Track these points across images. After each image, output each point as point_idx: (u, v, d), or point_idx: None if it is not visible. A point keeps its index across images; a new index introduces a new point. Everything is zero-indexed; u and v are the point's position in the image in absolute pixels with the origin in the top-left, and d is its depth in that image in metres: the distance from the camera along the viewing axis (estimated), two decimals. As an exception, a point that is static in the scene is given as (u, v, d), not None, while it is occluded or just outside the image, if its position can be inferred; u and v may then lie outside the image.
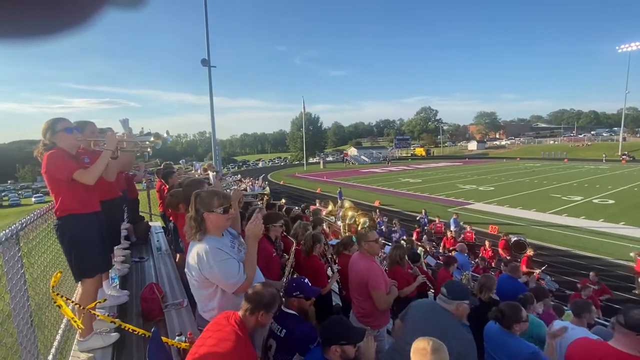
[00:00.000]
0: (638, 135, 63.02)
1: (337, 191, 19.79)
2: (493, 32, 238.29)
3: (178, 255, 4.56)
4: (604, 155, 45.23)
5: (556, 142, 65.05)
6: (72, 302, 2.30)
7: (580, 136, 66.53)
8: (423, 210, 14.69)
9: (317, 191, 26.14)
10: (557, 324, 2.58)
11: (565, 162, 44.10)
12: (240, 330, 1.77)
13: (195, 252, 2.05)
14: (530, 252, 9.17)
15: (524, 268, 8.40)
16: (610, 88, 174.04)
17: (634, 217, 15.41)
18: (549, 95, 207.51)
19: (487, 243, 10.16)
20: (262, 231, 2.30)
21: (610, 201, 19.19)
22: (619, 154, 46.21)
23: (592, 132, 71.56)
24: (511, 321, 2.52)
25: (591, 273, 8.15)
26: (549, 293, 4.47)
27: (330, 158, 68.22)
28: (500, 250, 10.22)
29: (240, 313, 1.86)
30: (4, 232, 1.67)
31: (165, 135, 3.44)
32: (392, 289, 3.17)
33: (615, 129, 66.11)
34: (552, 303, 4.58)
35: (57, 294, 2.10)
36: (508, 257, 9.59)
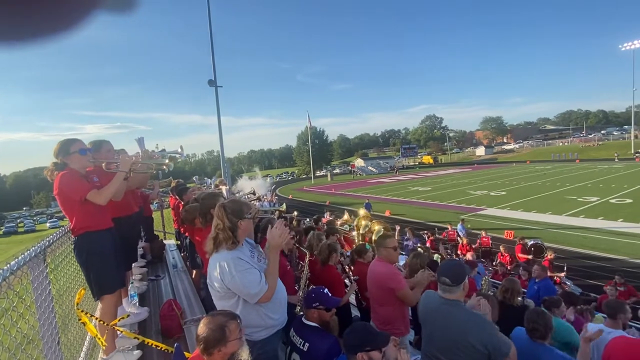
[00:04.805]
0: (650, 132, 61.72)
1: (364, 203, 19.32)
2: (494, 38, 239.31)
3: (194, 272, 4.56)
4: (616, 155, 44.34)
5: (566, 144, 64.03)
6: (97, 318, 2.30)
7: (590, 136, 65.36)
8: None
9: (327, 203, 26.07)
10: (591, 327, 2.47)
11: (577, 163, 43.27)
12: None
13: (217, 263, 2.05)
14: (550, 255, 8.92)
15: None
16: (617, 86, 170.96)
17: (654, 216, 14.94)
18: (556, 96, 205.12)
19: (502, 248, 9.93)
20: (285, 241, 2.25)
21: (628, 200, 18.67)
22: (632, 152, 45.26)
23: (602, 132, 70.24)
24: (546, 331, 2.44)
25: (616, 275, 7.85)
26: (580, 299, 4.31)
27: (337, 170, 68.25)
28: (517, 255, 9.97)
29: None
30: (33, 247, 1.70)
31: (179, 150, 3.50)
32: (418, 280, 3.10)
33: (626, 127, 64.89)
34: (583, 307, 4.42)
35: (82, 311, 2.11)
36: (526, 262, 9.35)
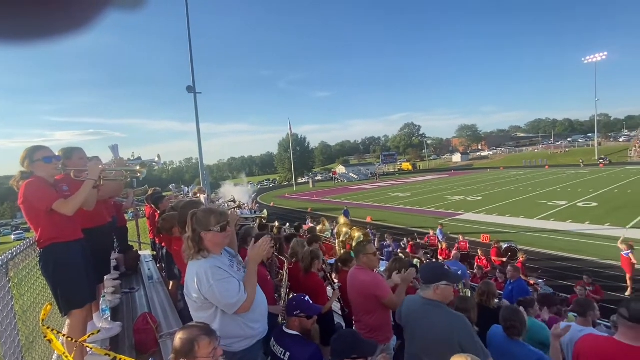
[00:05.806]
0: (611, 139, 65.93)
1: (343, 210, 19.31)
2: (469, 49, 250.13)
3: (171, 283, 4.41)
4: (580, 161, 46.99)
5: (536, 150, 67.23)
6: (64, 335, 2.17)
7: (558, 143, 69.06)
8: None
9: (309, 210, 25.99)
10: (563, 325, 2.57)
11: (547, 169, 45.43)
12: None
13: (194, 272, 1.99)
14: (522, 257, 9.26)
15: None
16: (581, 96, 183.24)
17: (618, 218, 15.84)
18: (526, 106, 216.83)
19: (479, 252, 10.23)
20: (266, 256, 2.22)
21: (594, 204, 19.73)
22: (596, 158, 48.13)
23: (568, 139, 74.30)
24: (522, 328, 2.51)
25: (585, 276, 8.23)
26: (558, 300, 4.49)
27: (319, 177, 68.33)
28: (492, 258, 10.29)
29: None
30: (-6, 261, 1.59)
31: (156, 159, 3.41)
32: (398, 279, 3.12)
33: (590, 134, 69.04)
34: (560, 308, 4.60)
35: (48, 328, 1.99)
36: (501, 264, 9.66)
